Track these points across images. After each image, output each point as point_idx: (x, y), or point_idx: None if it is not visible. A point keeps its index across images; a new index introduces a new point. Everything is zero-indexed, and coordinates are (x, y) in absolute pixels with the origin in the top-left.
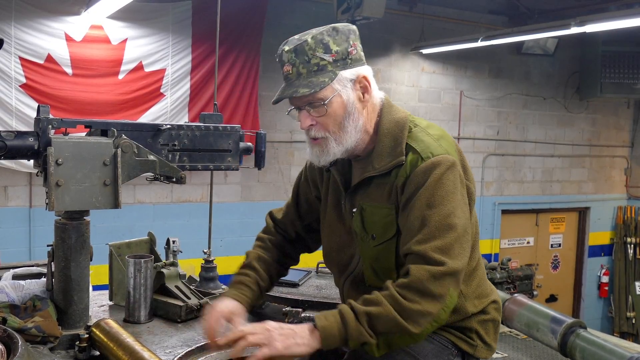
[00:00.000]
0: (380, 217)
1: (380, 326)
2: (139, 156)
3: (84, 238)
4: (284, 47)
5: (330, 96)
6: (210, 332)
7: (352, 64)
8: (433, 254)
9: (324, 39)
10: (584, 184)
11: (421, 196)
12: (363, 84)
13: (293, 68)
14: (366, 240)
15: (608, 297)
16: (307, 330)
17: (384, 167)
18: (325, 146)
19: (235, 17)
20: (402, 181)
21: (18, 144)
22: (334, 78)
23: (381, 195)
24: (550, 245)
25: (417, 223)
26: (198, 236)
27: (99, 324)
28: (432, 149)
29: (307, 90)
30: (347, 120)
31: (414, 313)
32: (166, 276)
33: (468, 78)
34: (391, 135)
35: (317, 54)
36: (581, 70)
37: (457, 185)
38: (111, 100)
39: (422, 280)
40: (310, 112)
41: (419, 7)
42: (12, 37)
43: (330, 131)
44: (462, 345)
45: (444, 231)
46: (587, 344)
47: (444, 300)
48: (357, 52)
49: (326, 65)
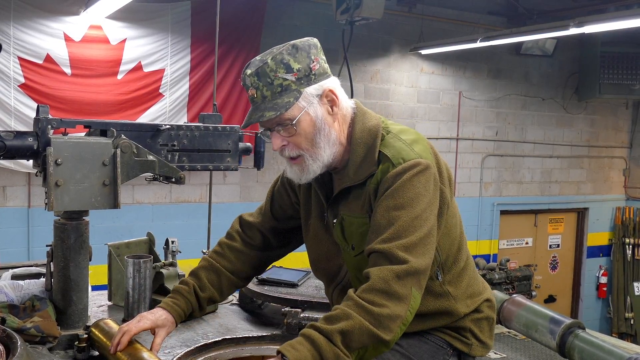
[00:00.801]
0: (357, 226)
1: (355, 342)
2: (138, 156)
3: (83, 238)
4: (247, 71)
5: (298, 115)
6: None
7: (316, 79)
8: (397, 251)
9: (283, 58)
10: (583, 184)
11: (389, 197)
12: (330, 97)
13: (257, 91)
14: (347, 250)
15: (607, 298)
16: None
17: (359, 177)
18: (303, 164)
19: (234, 18)
20: (373, 188)
21: (17, 144)
22: (299, 96)
23: (357, 205)
24: (548, 245)
25: (383, 222)
26: (197, 236)
27: (98, 324)
28: (404, 154)
29: (273, 113)
30: (319, 136)
31: (384, 318)
32: (165, 276)
33: (467, 79)
34: (364, 144)
35: (278, 74)
36: (580, 71)
37: (428, 187)
38: (110, 100)
39: (386, 280)
40: (280, 132)
41: (418, 8)
42: (11, 37)
43: (303, 149)
44: (457, 345)
45: (409, 231)
46: (585, 345)
47: (408, 301)
48: (320, 66)
49: (290, 85)
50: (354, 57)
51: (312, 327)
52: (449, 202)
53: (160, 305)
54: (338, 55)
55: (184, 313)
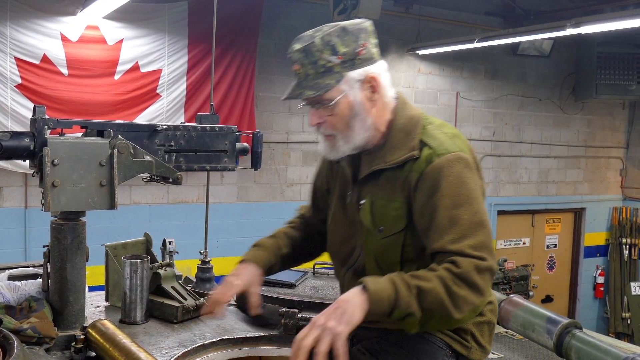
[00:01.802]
0: (390, 210)
1: (427, 303)
2: (135, 157)
3: (80, 239)
4: (294, 46)
5: (337, 97)
6: (213, 303)
7: (361, 63)
8: (471, 251)
9: (331, 40)
10: (580, 184)
11: (445, 195)
12: (372, 84)
13: (302, 68)
14: (373, 233)
15: (603, 298)
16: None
17: (396, 160)
18: (334, 143)
19: (231, 18)
20: (416, 176)
21: (14, 144)
22: (341, 80)
23: (392, 189)
24: (546, 246)
25: (445, 222)
26: (194, 237)
27: (95, 324)
28: (447, 145)
29: (312, 93)
30: (355, 120)
31: (459, 298)
32: (162, 277)
33: (464, 79)
34: (404, 130)
35: (324, 56)
36: (576, 72)
37: (476, 181)
38: (107, 100)
39: (469, 271)
40: (318, 110)
41: (415, 9)
42: (7, 37)
43: (338, 130)
44: (456, 347)
45: (474, 229)
46: (582, 345)
47: (484, 294)
48: (367, 51)
49: (333, 67)
50: None
51: (398, 274)
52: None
53: (244, 259)
54: None
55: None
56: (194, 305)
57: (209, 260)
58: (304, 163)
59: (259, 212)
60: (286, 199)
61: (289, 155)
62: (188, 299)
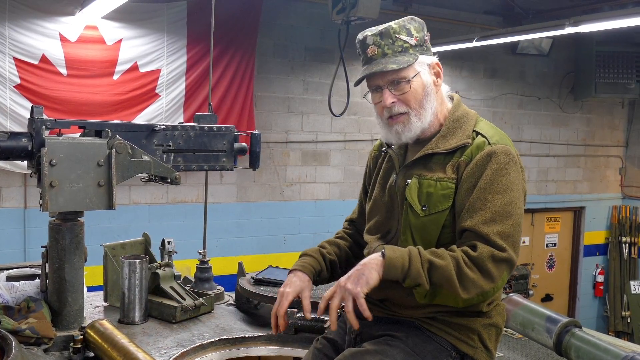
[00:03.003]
0: (438, 189)
1: (436, 277)
2: (133, 157)
3: (78, 239)
4: (368, 33)
5: (413, 75)
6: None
7: (427, 51)
8: (495, 238)
9: (406, 25)
10: (579, 183)
11: (485, 179)
12: (436, 70)
13: (378, 49)
14: (416, 211)
15: (603, 297)
16: (374, 259)
17: (449, 147)
18: (407, 121)
19: (230, 18)
20: (466, 160)
21: (12, 144)
22: (416, 60)
23: (442, 171)
24: (545, 244)
25: (479, 204)
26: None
27: (94, 325)
28: (498, 138)
29: (396, 66)
30: (426, 99)
31: (469, 280)
32: (161, 277)
33: (463, 78)
34: (459, 122)
35: (401, 36)
36: (576, 71)
37: (519, 177)
38: (106, 100)
39: (484, 258)
40: (391, 90)
41: (414, 8)
42: (6, 37)
43: (412, 107)
44: (461, 347)
45: (504, 217)
46: (582, 343)
47: (496, 281)
48: (429, 43)
49: (408, 48)
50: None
51: (417, 248)
52: (525, 196)
53: (292, 269)
54: (334, 55)
55: (315, 270)
56: (192, 305)
57: (208, 260)
58: (303, 162)
59: (258, 211)
60: (285, 199)
61: (288, 155)
62: (187, 299)
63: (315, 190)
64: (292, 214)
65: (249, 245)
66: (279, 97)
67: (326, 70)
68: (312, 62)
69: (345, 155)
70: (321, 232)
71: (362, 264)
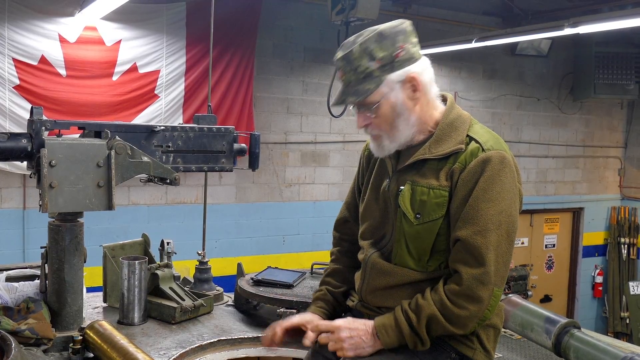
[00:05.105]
0: (431, 197)
1: (433, 332)
2: (132, 157)
3: (77, 240)
4: (338, 54)
5: (379, 100)
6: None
7: (400, 65)
8: (484, 250)
9: (368, 47)
10: (578, 184)
11: (479, 188)
12: (412, 83)
13: (344, 75)
14: (409, 219)
15: (602, 297)
16: (371, 338)
17: (442, 152)
18: (380, 142)
19: (230, 19)
20: (460, 167)
21: (11, 145)
22: (381, 83)
23: (435, 178)
24: (544, 245)
25: (471, 212)
26: (192, 238)
27: (93, 325)
28: (492, 143)
29: (354, 99)
30: (398, 120)
31: (462, 319)
32: (160, 278)
33: (462, 79)
34: (452, 126)
35: (362, 62)
36: (575, 71)
37: (513, 183)
38: (105, 101)
39: (470, 286)
40: (364, 113)
41: (413, 9)
42: (5, 38)
43: (383, 130)
44: (460, 348)
45: (495, 225)
46: (581, 344)
47: (487, 302)
48: (405, 52)
49: (372, 72)
50: None
51: (404, 311)
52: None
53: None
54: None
55: (328, 312)
56: (192, 306)
57: (207, 261)
58: (302, 163)
59: (258, 212)
60: (284, 199)
61: (287, 156)
62: (186, 300)
63: (315, 191)
64: (291, 215)
65: (248, 246)
66: (278, 97)
67: (325, 71)
68: (311, 63)
69: (344, 156)
70: (320, 232)
71: (365, 333)
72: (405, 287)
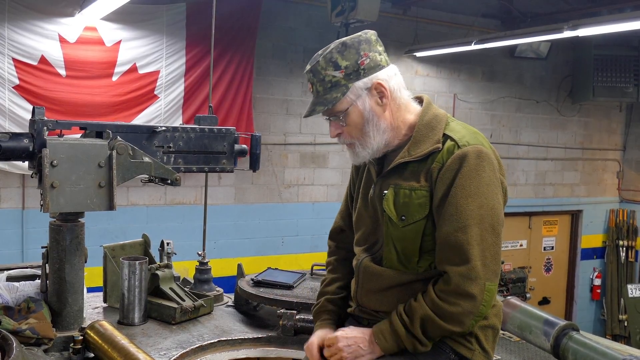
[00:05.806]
0: (413, 198)
1: (430, 332)
2: (134, 158)
3: (78, 240)
4: (307, 67)
5: (346, 107)
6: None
7: (365, 73)
8: (467, 246)
9: (332, 57)
10: (577, 187)
11: (457, 185)
12: (379, 90)
13: (313, 87)
14: (394, 222)
15: (600, 300)
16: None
17: (420, 153)
18: (354, 150)
19: (229, 19)
20: (438, 167)
21: (13, 145)
22: (347, 91)
23: (416, 179)
24: (543, 248)
25: (451, 209)
26: (192, 238)
27: (93, 325)
28: (468, 139)
29: (323, 108)
30: (368, 126)
31: (456, 315)
32: (160, 278)
33: (461, 81)
34: (429, 126)
35: (328, 72)
36: (574, 74)
37: (492, 176)
38: (105, 101)
39: (458, 284)
40: (335, 122)
41: (412, 11)
42: (5, 38)
43: (354, 137)
44: (459, 349)
45: (477, 222)
46: (579, 347)
47: (480, 298)
48: (370, 60)
49: (338, 81)
50: None
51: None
52: (506, 192)
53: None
54: None
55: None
56: (192, 306)
57: (207, 261)
58: (301, 165)
59: (257, 213)
60: (283, 201)
61: (286, 157)
62: (186, 300)
63: (313, 193)
64: (290, 216)
65: (247, 247)
66: (277, 99)
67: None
68: None
69: (343, 157)
70: (319, 234)
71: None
72: (398, 289)
